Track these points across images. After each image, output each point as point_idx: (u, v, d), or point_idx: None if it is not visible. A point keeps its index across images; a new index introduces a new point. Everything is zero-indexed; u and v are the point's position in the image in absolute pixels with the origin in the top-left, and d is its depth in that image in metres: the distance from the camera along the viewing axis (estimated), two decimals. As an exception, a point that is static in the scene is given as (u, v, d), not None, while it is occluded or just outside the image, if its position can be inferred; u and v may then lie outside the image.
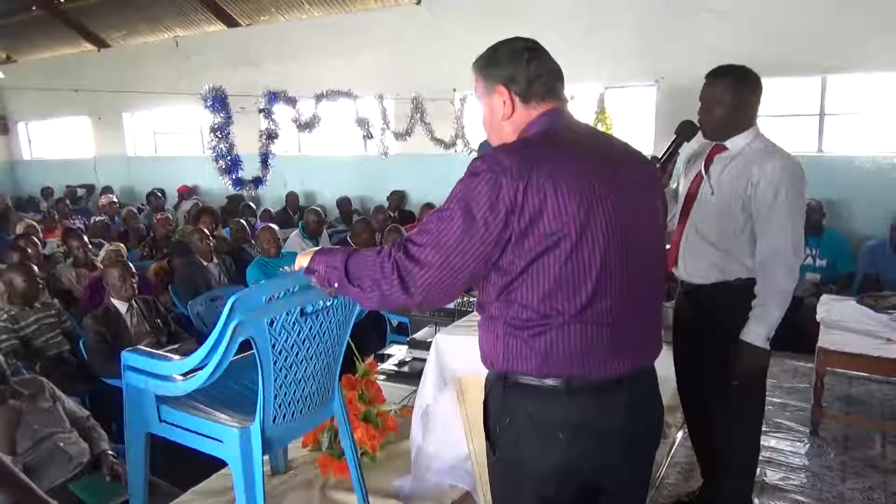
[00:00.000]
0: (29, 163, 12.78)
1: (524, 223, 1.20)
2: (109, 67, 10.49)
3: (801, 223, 2.10)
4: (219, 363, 1.48)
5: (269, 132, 4.46)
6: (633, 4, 6.36)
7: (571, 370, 1.28)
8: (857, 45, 5.51)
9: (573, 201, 1.20)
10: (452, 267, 1.23)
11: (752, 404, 2.31)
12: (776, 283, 2.07)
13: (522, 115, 1.37)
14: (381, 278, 1.26)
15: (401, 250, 1.26)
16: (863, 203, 5.60)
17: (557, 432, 1.29)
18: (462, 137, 6.87)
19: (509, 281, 1.26)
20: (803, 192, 2.11)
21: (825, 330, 3.37)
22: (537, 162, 1.22)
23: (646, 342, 1.40)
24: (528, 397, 1.31)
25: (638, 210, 1.32)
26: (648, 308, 1.38)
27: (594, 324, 1.26)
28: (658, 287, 1.44)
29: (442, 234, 1.23)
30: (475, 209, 1.21)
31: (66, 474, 2.34)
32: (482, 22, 7.21)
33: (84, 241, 5.23)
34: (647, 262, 1.35)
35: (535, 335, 1.27)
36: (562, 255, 1.22)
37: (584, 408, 1.30)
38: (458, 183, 1.26)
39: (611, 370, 1.30)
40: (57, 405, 2.49)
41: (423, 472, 2.28)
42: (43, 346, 3.55)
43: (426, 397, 2.24)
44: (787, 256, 2.06)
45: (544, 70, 1.37)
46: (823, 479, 2.89)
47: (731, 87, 2.13)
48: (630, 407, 1.34)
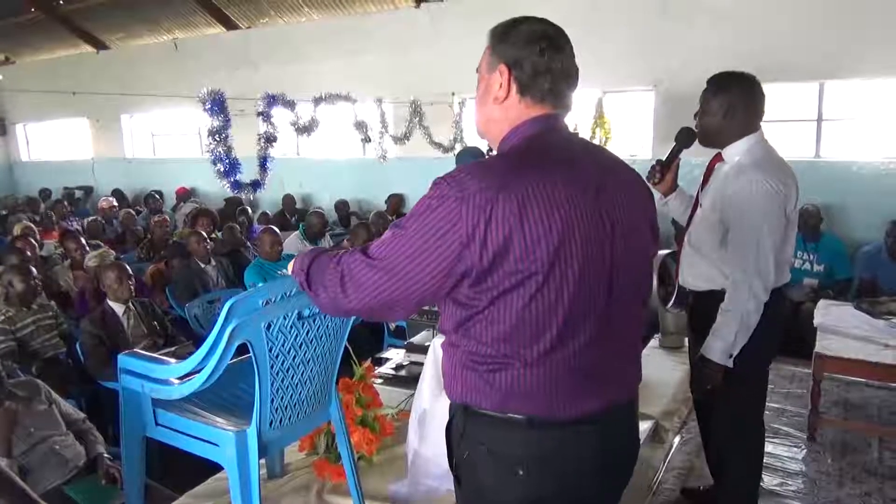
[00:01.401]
0: (27, 164, 12.78)
1: (487, 259, 1.10)
2: (108, 69, 10.49)
3: (767, 245, 2.01)
4: (215, 367, 1.48)
5: (267, 135, 4.46)
6: (631, 9, 6.38)
7: (533, 410, 1.19)
8: (855, 52, 5.52)
9: (542, 235, 1.09)
10: (396, 288, 1.15)
11: (750, 409, 2.32)
12: (738, 302, 2.05)
13: (515, 108, 1.26)
14: (329, 283, 1.21)
15: (353, 256, 1.20)
16: (860, 208, 5.61)
17: (516, 467, 1.20)
18: (461, 141, 6.88)
19: (468, 316, 1.18)
20: (777, 211, 2.02)
21: (822, 335, 3.37)
22: (506, 187, 1.10)
23: (620, 379, 1.29)
24: (487, 429, 1.23)
25: (626, 236, 1.21)
26: (625, 343, 1.28)
27: (559, 367, 1.17)
28: (638, 319, 1.33)
29: (394, 251, 1.15)
30: (429, 236, 1.11)
31: (61, 477, 2.33)
32: (480, 26, 7.15)
33: (81, 242, 5.22)
34: (630, 293, 1.25)
35: (492, 371, 1.19)
36: (525, 294, 1.12)
37: (546, 443, 1.20)
38: (420, 199, 1.15)
39: (577, 410, 1.20)
40: (53, 408, 2.49)
41: (419, 477, 2.27)
42: (39, 348, 3.55)
43: (423, 401, 2.24)
44: (749, 278, 2.02)
45: (556, 67, 1.24)
46: (820, 485, 2.89)
47: (723, 94, 2.12)
48: (602, 445, 1.24)
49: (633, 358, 1.33)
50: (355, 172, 8.62)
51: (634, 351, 1.34)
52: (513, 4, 7.13)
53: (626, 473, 1.37)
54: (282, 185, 8.49)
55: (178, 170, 10.25)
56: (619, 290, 1.21)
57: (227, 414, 1.69)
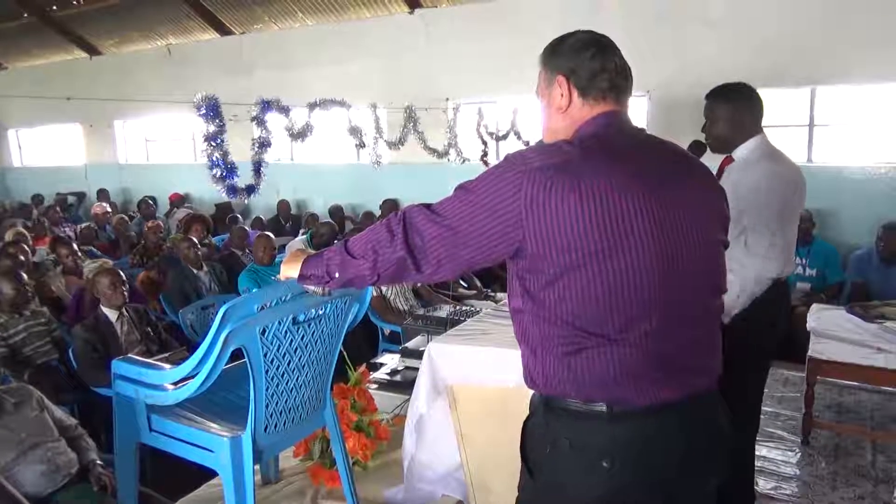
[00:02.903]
0: (19, 170, 12.71)
1: (542, 232, 1.16)
2: (101, 75, 10.46)
3: (776, 226, 2.16)
4: (210, 372, 1.48)
5: (261, 140, 4.45)
6: (623, 16, 6.42)
7: (611, 394, 1.21)
8: (846, 58, 5.58)
9: (604, 216, 1.14)
10: (453, 244, 1.21)
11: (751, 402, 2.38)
12: (745, 279, 2.16)
13: (579, 110, 1.31)
14: (388, 236, 1.25)
15: (416, 209, 1.26)
16: (851, 213, 5.66)
17: (601, 460, 1.21)
18: (455, 147, 6.89)
19: (537, 289, 1.22)
20: (786, 197, 2.20)
21: (815, 339, 3.39)
22: (566, 169, 1.16)
23: (699, 368, 1.30)
24: (570, 422, 1.25)
25: (688, 228, 1.24)
26: (701, 332, 1.30)
27: (631, 351, 1.19)
28: (712, 310, 1.34)
29: (456, 210, 1.22)
30: (490, 199, 1.18)
31: (53, 485, 2.30)
32: (475, 32, 7.27)
33: (73, 248, 5.20)
34: (698, 283, 1.27)
35: (568, 353, 1.22)
36: (585, 274, 1.16)
37: (629, 434, 1.22)
38: (489, 167, 1.25)
39: (655, 397, 1.22)
40: (45, 414, 2.47)
41: (415, 482, 2.27)
42: (32, 354, 3.52)
43: (419, 406, 2.23)
44: (757, 260, 2.16)
45: (611, 66, 1.30)
46: (814, 489, 2.89)
47: (724, 105, 2.29)
48: (685, 434, 1.25)
49: (711, 347, 1.34)
50: (349, 178, 8.62)
51: (712, 341, 1.34)
52: (507, 12, 7.17)
53: (713, 464, 1.34)
54: (276, 191, 8.48)
55: (171, 175, 10.23)
56: (685, 280, 1.23)
57: (221, 419, 1.68)
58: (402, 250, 1.24)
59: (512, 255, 1.22)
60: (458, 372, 2.12)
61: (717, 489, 1.36)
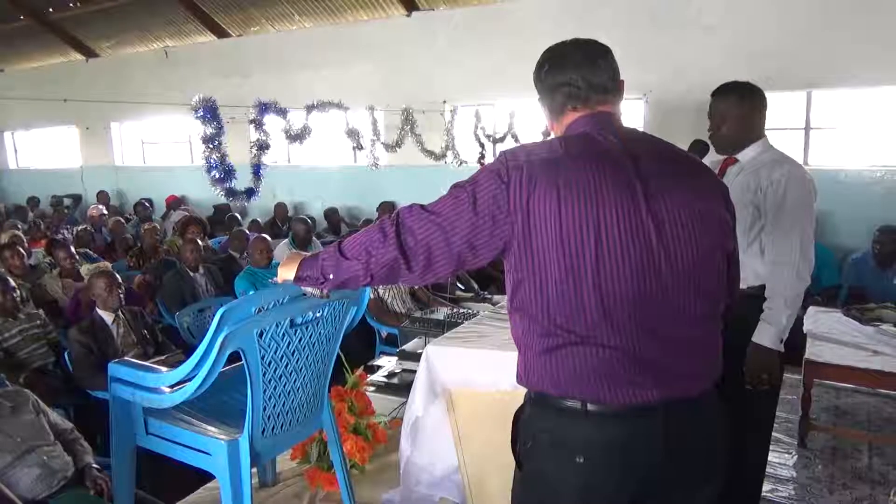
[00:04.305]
0: (15, 172, 12.68)
1: (526, 225, 1.20)
2: (98, 77, 10.44)
3: (809, 228, 2.17)
4: (207, 375, 1.47)
5: (260, 143, 4.44)
6: (620, 18, 6.43)
7: (584, 392, 1.23)
8: (842, 61, 5.60)
9: (580, 216, 1.18)
10: (444, 240, 1.24)
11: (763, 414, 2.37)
12: (785, 287, 2.12)
13: (560, 125, 1.39)
14: (381, 237, 1.28)
15: (411, 208, 1.29)
16: (847, 216, 5.67)
17: (576, 455, 1.24)
18: (452, 149, 6.89)
19: (518, 280, 1.26)
20: (812, 198, 2.20)
21: (812, 342, 3.39)
22: (554, 167, 1.21)
23: (682, 372, 1.27)
24: (550, 417, 1.28)
25: (676, 230, 1.23)
26: (687, 337, 1.27)
27: (605, 349, 1.21)
28: (700, 316, 1.29)
29: (447, 207, 1.26)
30: (480, 194, 1.23)
31: (49, 489, 2.29)
32: (472, 34, 7.28)
33: (71, 251, 5.18)
34: (683, 286, 1.24)
35: (547, 349, 1.25)
36: (561, 268, 1.19)
37: (603, 432, 1.23)
38: (483, 166, 1.31)
39: (632, 397, 1.22)
40: (41, 417, 2.46)
41: (412, 485, 2.26)
42: (27, 357, 3.50)
43: (416, 409, 2.23)
44: (795, 259, 2.12)
45: (562, 79, 1.36)
46: (811, 491, 2.90)
47: (737, 104, 2.23)
48: (665, 439, 1.24)
49: (701, 351, 1.31)
50: (347, 180, 8.62)
51: (702, 346, 1.31)
52: (504, 15, 7.17)
53: (699, 473, 1.32)
54: (273, 194, 8.46)
55: (168, 178, 10.21)
56: (667, 282, 1.23)
57: (218, 423, 1.68)
58: (395, 251, 1.26)
59: (503, 252, 1.26)
60: (455, 375, 2.13)
61: (718, 496, 1.35)
